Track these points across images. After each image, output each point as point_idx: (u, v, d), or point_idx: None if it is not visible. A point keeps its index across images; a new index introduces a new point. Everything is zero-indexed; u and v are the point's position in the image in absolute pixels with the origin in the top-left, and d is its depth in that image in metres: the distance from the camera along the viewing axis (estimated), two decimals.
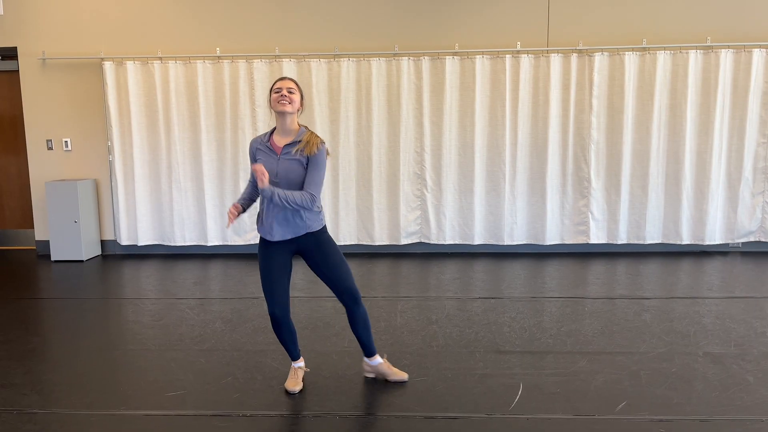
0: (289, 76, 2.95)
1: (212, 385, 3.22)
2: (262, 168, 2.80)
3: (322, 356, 3.58)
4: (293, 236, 2.98)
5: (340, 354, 3.61)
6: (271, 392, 3.12)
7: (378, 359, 3.24)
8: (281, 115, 2.94)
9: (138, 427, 2.79)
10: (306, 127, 3.02)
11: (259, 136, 3.04)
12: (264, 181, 2.80)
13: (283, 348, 3.42)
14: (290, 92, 2.91)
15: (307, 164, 2.93)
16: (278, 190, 2.86)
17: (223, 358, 3.58)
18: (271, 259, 2.99)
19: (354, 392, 3.12)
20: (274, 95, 2.93)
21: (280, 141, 2.98)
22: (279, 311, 3.00)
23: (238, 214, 3.03)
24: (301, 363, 3.23)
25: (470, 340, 3.80)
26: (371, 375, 3.29)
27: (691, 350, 3.59)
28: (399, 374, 3.23)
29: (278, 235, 2.96)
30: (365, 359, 3.25)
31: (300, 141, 2.94)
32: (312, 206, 2.93)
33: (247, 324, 4.16)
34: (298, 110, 2.97)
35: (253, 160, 3.03)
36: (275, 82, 2.97)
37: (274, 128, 3.03)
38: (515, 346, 3.69)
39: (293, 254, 3.05)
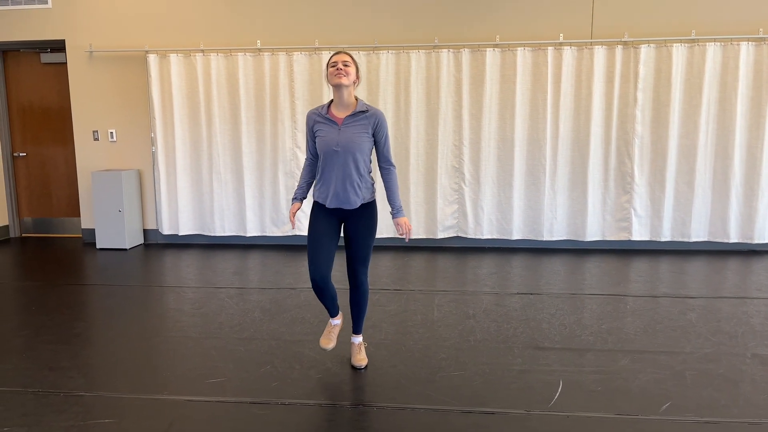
0: (345, 51, 3.03)
1: (251, 373, 3.26)
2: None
3: None
4: (348, 208, 3.10)
5: (376, 346, 3.61)
6: (309, 381, 3.14)
7: (358, 339, 3.36)
8: (338, 88, 3.02)
9: (180, 412, 2.84)
10: (362, 100, 3.13)
11: (316, 108, 3.12)
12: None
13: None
14: (345, 65, 3.00)
15: (373, 134, 3.06)
16: (399, 203, 3.13)
17: (262, 347, 3.62)
18: (321, 224, 3.13)
19: (391, 384, 3.11)
20: (330, 69, 3.02)
21: (339, 113, 3.07)
22: (319, 278, 3.12)
23: (297, 210, 3.18)
24: (338, 320, 3.34)
25: (508, 336, 3.76)
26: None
27: (738, 351, 3.48)
28: (358, 361, 3.31)
29: (333, 203, 3.09)
30: (352, 333, 3.39)
31: (365, 111, 3.05)
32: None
33: (285, 314, 4.20)
34: (354, 83, 3.05)
35: (311, 132, 3.12)
36: (331, 57, 3.05)
37: (331, 101, 3.12)
38: (554, 343, 3.63)
39: (341, 221, 3.18)
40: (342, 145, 3.00)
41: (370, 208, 3.16)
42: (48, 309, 4.39)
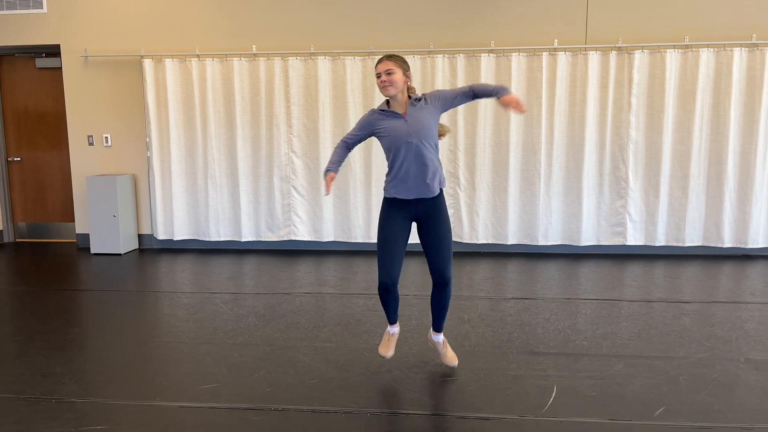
0: (389, 54, 3.09)
1: (245, 378, 3.25)
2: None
3: (354, 353, 3.58)
4: (429, 196, 3.06)
5: (371, 351, 3.60)
6: (303, 387, 3.13)
7: (441, 337, 3.32)
8: (390, 97, 3.07)
9: (173, 419, 2.83)
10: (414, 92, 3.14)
11: (378, 107, 3.13)
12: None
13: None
14: (389, 74, 2.97)
15: (443, 105, 3.06)
16: (495, 86, 3.04)
17: (256, 352, 3.61)
18: (394, 226, 3.08)
19: (386, 390, 3.11)
20: (377, 80, 3.03)
21: (399, 109, 3.07)
22: (391, 282, 3.08)
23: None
24: (396, 329, 3.30)
25: (503, 341, 3.76)
26: (431, 346, 3.40)
27: (732, 356, 3.49)
28: (450, 359, 3.29)
29: (413, 194, 3.05)
30: (432, 331, 3.33)
31: (419, 99, 3.05)
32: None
33: (280, 319, 4.19)
34: (405, 84, 3.05)
35: (368, 126, 3.10)
36: (376, 65, 3.04)
37: (387, 100, 3.12)
38: (549, 348, 3.64)
39: (412, 222, 3.14)
40: (414, 133, 2.99)
41: (442, 200, 3.13)
42: (42, 314, 4.37)
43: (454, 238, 6.11)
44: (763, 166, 5.74)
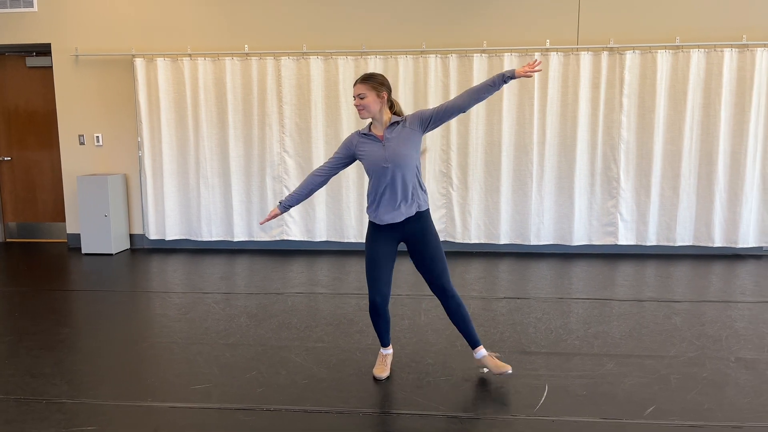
0: (364, 76, 3.07)
1: (237, 379, 3.24)
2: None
3: (346, 353, 3.58)
4: (407, 217, 3.07)
5: (363, 351, 3.60)
6: (294, 387, 3.13)
7: (482, 352, 3.21)
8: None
9: (164, 419, 2.82)
10: (398, 114, 3.11)
11: (362, 129, 3.13)
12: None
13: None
14: (361, 98, 3.00)
15: (425, 127, 3.03)
16: (492, 78, 2.93)
17: (248, 352, 3.60)
18: (379, 246, 3.10)
19: (377, 390, 3.11)
20: (354, 103, 3.06)
21: (379, 131, 3.08)
22: (380, 300, 3.11)
23: (277, 214, 3.15)
24: (390, 350, 3.31)
25: (495, 341, 3.76)
26: (484, 369, 3.29)
27: (723, 355, 3.51)
28: (502, 367, 3.14)
29: (397, 218, 3.06)
30: (473, 351, 3.25)
31: (398, 122, 3.03)
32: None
33: (272, 319, 4.18)
34: (381, 104, 3.03)
35: (350, 151, 3.10)
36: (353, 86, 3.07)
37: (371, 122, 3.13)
38: (541, 347, 3.64)
39: (399, 242, 3.14)
40: (390, 158, 2.98)
41: (426, 216, 3.13)
42: (32, 315, 4.35)
43: (447, 238, 6.15)
44: (753, 166, 5.78)
